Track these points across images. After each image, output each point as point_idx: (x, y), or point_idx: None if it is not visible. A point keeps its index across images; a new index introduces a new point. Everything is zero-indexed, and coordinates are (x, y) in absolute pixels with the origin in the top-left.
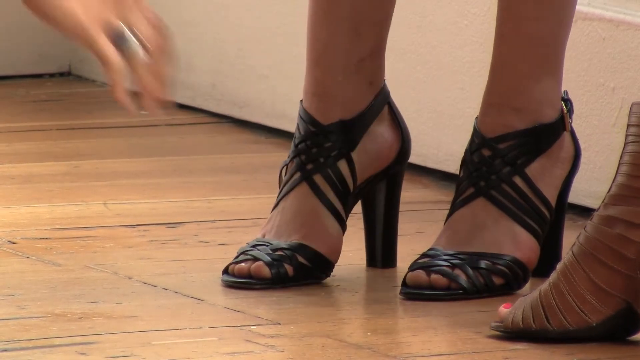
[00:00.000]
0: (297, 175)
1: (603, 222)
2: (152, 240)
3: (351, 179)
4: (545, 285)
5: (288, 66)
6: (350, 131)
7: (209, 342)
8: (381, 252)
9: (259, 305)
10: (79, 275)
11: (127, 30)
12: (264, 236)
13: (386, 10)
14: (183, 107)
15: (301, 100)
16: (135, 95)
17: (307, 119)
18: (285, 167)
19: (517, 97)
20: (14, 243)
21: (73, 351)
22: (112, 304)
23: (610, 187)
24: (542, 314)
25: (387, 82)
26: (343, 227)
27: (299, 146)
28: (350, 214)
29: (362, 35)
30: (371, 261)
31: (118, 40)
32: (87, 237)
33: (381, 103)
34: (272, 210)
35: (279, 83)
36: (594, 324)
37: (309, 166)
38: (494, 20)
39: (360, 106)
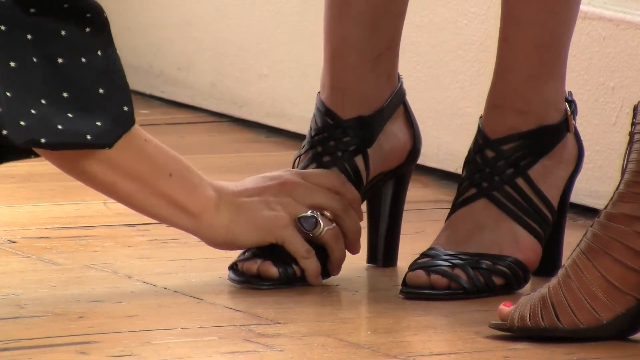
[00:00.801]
0: (313, 166)
1: (615, 220)
2: (151, 240)
3: (365, 174)
4: (553, 282)
5: (288, 65)
6: (368, 128)
7: (209, 342)
8: (383, 251)
9: (259, 305)
10: (79, 275)
11: (309, 214)
12: None
13: (401, 3)
14: (182, 106)
15: (318, 92)
16: None
17: (326, 111)
18: (298, 158)
19: (521, 100)
20: (13, 242)
21: (73, 350)
22: (112, 303)
23: (619, 185)
24: (552, 311)
25: None
26: None
27: (316, 137)
28: None
29: (380, 29)
30: (372, 259)
31: (308, 225)
32: (86, 236)
33: (397, 101)
34: None
35: (278, 82)
36: (604, 322)
37: (326, 158)
38: (493, 19)
39: (378, 102)
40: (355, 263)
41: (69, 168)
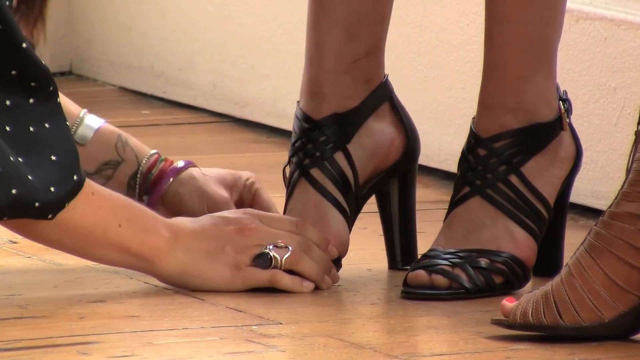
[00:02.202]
0: (296, 173)
1: (619, 219)
2: None
3: (350, 172)
4: (556, 280)
5: (289, 66)
6: (344, 124)
7: (211, 342)
8: (400, 252)
9: (261, 305)
10: (80, 275)
11: (264, 250)
12: None
13: (382, 10)
14: (184, 106)
15: (298, 101)
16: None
17: (302, 116)
18: (285, 168)
19: (510, 98)
20: (15, 243)
21: (74, 351)
22: (114, 303)
23: (623, 185)
24: (555, 309)
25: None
26: (347, 219)
27: (296, 144)
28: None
29: (357, 36)
30: (392, 262)
31: (264, 264)
32: None
33: (378, 99)
34: (283, 214)
35: (279, 82)
36: (607, 320)
37: (306, 161)
38: None
39: (355, 101)
40: (356, 264)
41: (11, 224)
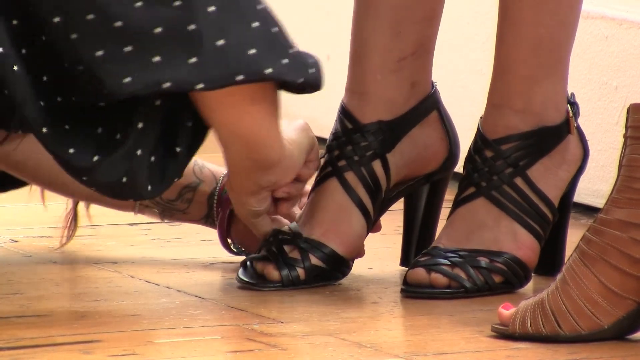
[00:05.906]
0: (329, 169)
1: (610, 226)
2: (154, 239)
3: (385, 179)
4: (551, 288)
5: None
6: (389, 133)
7: (212, 341)
8: (415, 254)
9: (262, 304)
10: (82, 274)
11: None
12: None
13: (430, 8)
14: None
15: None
16: None
17: (345, 115)
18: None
19: (519, 99)
20: (16, 241)
21: (76, 350)
22: (115, 302)
23: (612, 191)
24: (553, 318)
25: None
26: (369, 225)
27: (334, 141)
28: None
29: (403, 33)
30: (404, 261)
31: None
32: (89, 235)
33: (427, 108)
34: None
35: None
36: (606, 327)
37: (342, 162)
38: (496, 19)
39: (401, 107)
40: (357, 263)
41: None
